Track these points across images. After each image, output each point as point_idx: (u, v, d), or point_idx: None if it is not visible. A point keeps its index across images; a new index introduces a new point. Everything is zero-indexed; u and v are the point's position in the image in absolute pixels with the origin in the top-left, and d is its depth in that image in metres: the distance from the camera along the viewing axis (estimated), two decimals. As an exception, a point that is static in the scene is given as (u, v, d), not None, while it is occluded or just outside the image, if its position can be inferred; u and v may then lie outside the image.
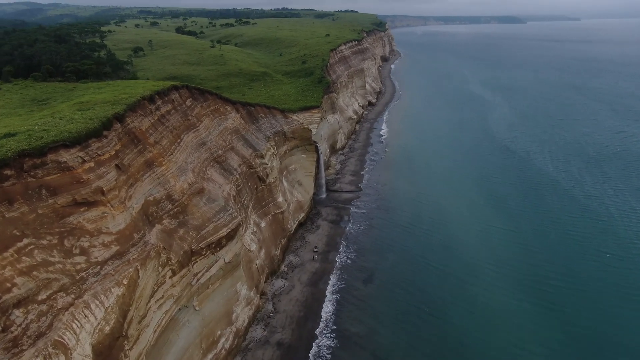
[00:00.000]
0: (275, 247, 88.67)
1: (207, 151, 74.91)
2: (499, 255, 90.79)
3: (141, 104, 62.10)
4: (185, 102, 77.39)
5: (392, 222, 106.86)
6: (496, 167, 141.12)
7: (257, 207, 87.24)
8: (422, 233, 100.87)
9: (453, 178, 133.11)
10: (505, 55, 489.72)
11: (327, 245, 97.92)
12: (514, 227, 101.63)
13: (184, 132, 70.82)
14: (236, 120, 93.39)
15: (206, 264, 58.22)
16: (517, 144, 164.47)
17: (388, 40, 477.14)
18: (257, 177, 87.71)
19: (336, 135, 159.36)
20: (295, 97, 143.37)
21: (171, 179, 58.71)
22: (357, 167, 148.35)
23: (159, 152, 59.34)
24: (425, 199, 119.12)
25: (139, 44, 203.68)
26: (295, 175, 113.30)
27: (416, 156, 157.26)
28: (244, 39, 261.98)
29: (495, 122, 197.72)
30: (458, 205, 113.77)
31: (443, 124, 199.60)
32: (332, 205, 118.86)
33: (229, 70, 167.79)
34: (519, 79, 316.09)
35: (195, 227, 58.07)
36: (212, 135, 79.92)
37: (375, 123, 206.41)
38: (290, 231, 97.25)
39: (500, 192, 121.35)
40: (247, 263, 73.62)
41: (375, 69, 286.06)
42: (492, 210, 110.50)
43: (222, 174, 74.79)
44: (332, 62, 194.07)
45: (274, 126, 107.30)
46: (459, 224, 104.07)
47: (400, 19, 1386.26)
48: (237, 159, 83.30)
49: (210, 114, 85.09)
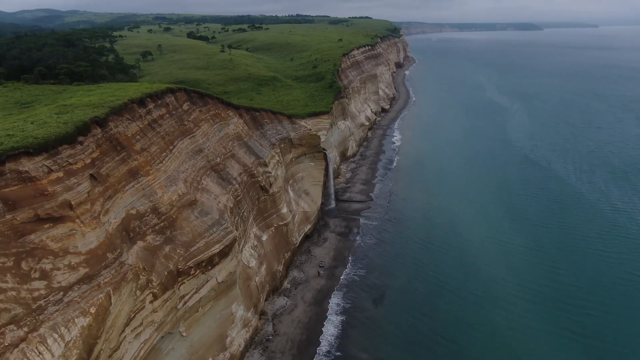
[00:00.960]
0: (277, 262, 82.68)
1: (204, 159, 69.47)
2: (519, 275, 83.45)
3: (129, 108, 56.89)
4: (182, 106, 72.19)
5: (404, 236, 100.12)
6: (515, 177, 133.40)
7: (258, 219, 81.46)
8: (436, 249, 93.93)
9: (469, 189, 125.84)
10: (523, 62, 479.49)
11: (334, 259, 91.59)
12: (536, 244, 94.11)
13: (178, 138, 65.50)
14: (239, 125, 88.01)
15: (195, 284, 52.44)
16: (537, 153, 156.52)
17: (402, 46, 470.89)
18: (259, 186, 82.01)
19: (347, 142, 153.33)
20: (304, 103, 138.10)
21: (158, 189, 53.21)
22: (368, 175, 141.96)
23: (146, 160, 53.92)
24: (440, 211, 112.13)
25: (149, 49, 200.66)
26: (302, 184, 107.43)
27: (430, 165, 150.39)
28: (255, 43, 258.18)
29: (514, 130, 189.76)
30: (475, 219, 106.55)
31: (458, 131, 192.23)
32: (341, 216, 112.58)
33: (238, 74, 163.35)
34: (538, 85, 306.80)
35: (183, 243, 52.39)
36: (211, 142, 74.54)
37: (388, 130, 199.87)
38: (295, 244, 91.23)
39: (521, 205, 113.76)
40: (244, 281, 67.74)
41: (388, 75, 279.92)
42: (512, 224, 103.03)
43: (220, 184, 69.23)
44: (344, 67, 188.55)
45: (279, 132, 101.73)
46: (476, 239, 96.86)
47: (415, 25, 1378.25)
48: (237, 167, 77.77)
49: (210, 119, 79.84)
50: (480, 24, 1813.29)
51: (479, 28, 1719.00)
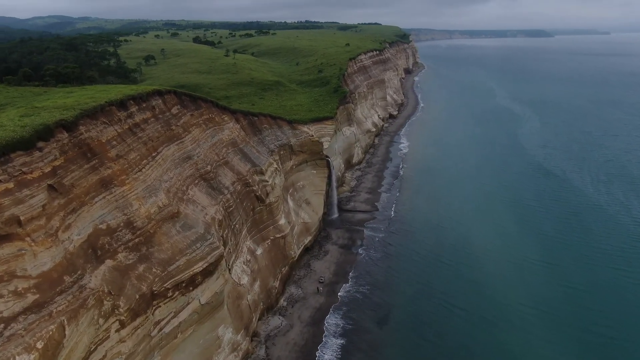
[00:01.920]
0: (273, 277, 77.00)
1: (193, 167, 64.23)
2: (535, 294, 76.97)
3: (106, 110, 51.82)
4: (171, 110, 67.14)
5: (411, 250, 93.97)
6: (529, 187, 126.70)
7: (253, 231, 75.94)
8: (445, 265, 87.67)
9: (480, 200, 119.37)
10: (534, 69, 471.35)
11: (335, 274, 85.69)
12: (552, 260, 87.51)
13: (163, 144, 60.35)
14: (234, 131, 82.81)
15: (173, 308, 46.92)
16: (552, 162, 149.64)
17: (412, 52, 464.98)
18: (255, 196, 76.55)
19: (352, 149, 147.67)
20: (308, 108, 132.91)
21: (135, 201, 47.92)
22: (374, 184, 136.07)
23: (122, 168, 48.71)
24: (449, 223, 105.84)
25: (152, 53, 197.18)
26: (303, 193, 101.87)
27: (439, 173, 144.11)
28: (261, 48, 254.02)
29: (526, 138, 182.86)
30: (486, 233, 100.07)
31: (468, 138, 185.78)
32: (344, 226, 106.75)
33: (241, 79, 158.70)
34: (550, 92, 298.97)
35: (161, 261, 46.97)
36: (202, 148, 69.32)
37: (395, 136, 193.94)
38: (293, 258, 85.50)
39: (535, 217, 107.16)
40: (234, 300, 62.15)
41: (397, 80, 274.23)
42: (525, 238, 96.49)
43: (209, 194, 63.89)
44: (351, 71, 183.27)
45: (279, 138, 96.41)
46: (487, 255, 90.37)
47: (424, 32, 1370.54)
48: (230, 176, 72.43)
49: (202, 123, 74.71)
50: (490, 31, 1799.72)
51: (489, 35, 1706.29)
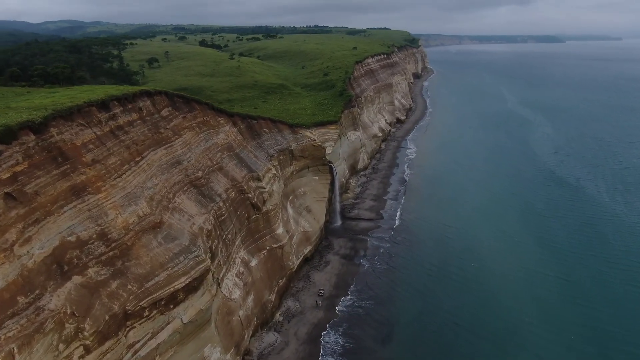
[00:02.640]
0: (269, 290, 72.56)
1: (182, 172, 60.16)
2: (547, 313, 71.73)
3: (84, 111, 47.93)
4: (161, 112, 63.25)
5: (416, 262, 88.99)
6: (541, 196, 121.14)
7: (247, 241, 71.64)
8: (453, 279, 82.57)
9: (490, 209, 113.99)
10: (545, 74, 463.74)
11: (336, 287, 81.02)
12: (566, 274, 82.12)
13: (150, 148, 56.36)
14: (230, 135, 78.78)
15: (151, 328, 42.65)
16: (565, 169, 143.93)
17: (420, 56, 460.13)
18: (250, 204, 72.33)
19: (357, 154, 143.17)
20: (312, 112, 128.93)
21: (111, 210, 43.86)
22: (379, 190, 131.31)
23: (98, 174, 44.72)
24: (457, 233, 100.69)
25: (156, 56, 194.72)
26: (304, 200, 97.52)
27: (447, 181, 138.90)
28: (267, 51, 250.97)
29: (537, 144, 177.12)
30: (496, 244, 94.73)
31: (478, 144, 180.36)
32: (347, 235, 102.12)
33: (244, 82, 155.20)
34: (562, 98, 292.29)
35: (138, 277, 42.79)
36: (193, 153, 65.30)
37: (403, 142, 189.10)
38: (292, 269, 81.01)
39: (548, 227, 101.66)
40: (224, 316, 57.79)
41: (405, 85, 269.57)
42: (538, 251, 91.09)
43: (199, 202, 59.74)
44: (357, 74, 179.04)
45: (279, 143, 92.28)
46: (497, 268, 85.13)
47: (434, 38, 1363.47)
48: (224, 182, 68.30)
49: (195, 126, 70.78)
50: (500, 37, 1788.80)
51: (498, 40, 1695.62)
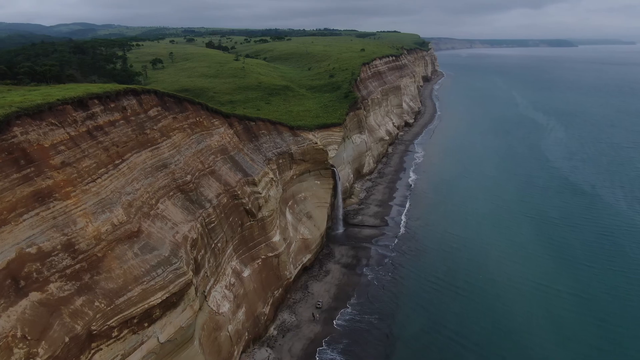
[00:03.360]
0: (263, 302, 68.24)
1: (168, 176, 56.15)
2: (561, 331, 66.58)
3: (57, 110, 44.13)
4: (148, 112, 59.37)
5: (421, 273, 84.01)
6: (554, 204, 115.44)
7: (240, 250, 67.43)
8: (459, 293, 77.39)
9: (499, 217, 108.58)
10: (558, 78, 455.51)
11: (335, 299, 76.45)
12: (581, 289, 76.75)
13: (133, 150, 52.43)
14: (225, 137, 74.76)
15: (121, 350, 38.49)
16: (579, 176, 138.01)
17: (431, 60, 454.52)
18: (244, 210, 68.17)
19: (363, 158, 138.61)
20: (315, 114, 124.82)
21: (81, 218, 39.88)
22: (385, 196, 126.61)
23: (68, 178, 40.80)
24: (464, 243, 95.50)
25: (161, 57, 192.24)
26: (304, 205, 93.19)
27: (456, 186, 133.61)
28: (274, 53, 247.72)
29: (550, 149, 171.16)
30: (506, 256, 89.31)
31: (488, 149, 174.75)
32: (350, 243, 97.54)
33: (248, 83, 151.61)
34: (575, 102, 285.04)
35: (108, 292, 38.70)
36: (183, 156, 61.31)
37: (411, 145, 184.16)
38: (289, 279, 76.62)
39: (562, 238, 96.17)
40: (211, 332, 53.54)
41: (414, 88, 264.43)
42: (550, 263, 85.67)
43: (186, 208, 55.65)
44: (364, 76, 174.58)
45: (278, 145, 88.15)
46: (506, 282, 79.81)
47: (445, 41, 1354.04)
48: (216, 187, 64.22)
49: (187, 127, 66.87)
50: (512, 40, 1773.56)
51: (510, 44, 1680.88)
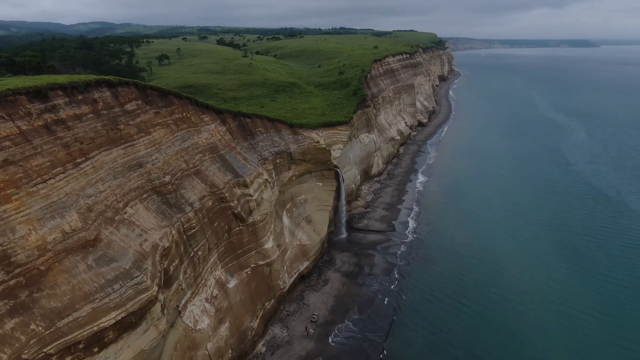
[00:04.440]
0: (252, 315, 62.42)
1: (143, 177, 50.64)
2: (583, 357, 59.30)
3: (8, 101, 38.82)
4: (125, 106, 53.96)
5: (428, 286, 77.20)
6: (575, 211, 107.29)
7: (227, 258, 61.71)
8: (469, 310, 70.36)
9: (516, 225, 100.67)
10: (579, 79, 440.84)
11: (333, 312, 70.24)
12: (606, 308, 69.16)
13: (101, 147, 47.01)
14: (216, 134, 69.16)
15: (62, 381, 33.00)
16: (602, 180, 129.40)
17: (447, 59, 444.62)
18: (232, 214, 62.45)
19: (371, 159, 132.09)
20: (321, 112, 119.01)
21: (22, 225, 34.47)
22: (393, 198, 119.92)
23: (10, 178, 35.37)
24: (477, 253, 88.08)
25: (169, 53, 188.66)
26: (304, 209, 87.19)
27: (469, 190, 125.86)
28: (284, 50, 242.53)
29: (571, 151, 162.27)
30: (522, 268, 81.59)
31: (505, 151, 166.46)
32: (353, 249, 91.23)
33: (253, 80, 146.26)
34: (597, 103, 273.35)
35: (49, 312, 33.20)
36: (163, 154, 55.78)
37: (423, 146, 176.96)
38: (282, 289, 70.70)
39: (584, 250, 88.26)
40: (185, 352, 47.84)
41: (429, 86, 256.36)
42: (572, 280, 77.86)
43: (161, 212, 50.05)
44: (375, 74, 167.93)
45: (276, 144, 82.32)
46: (522, 299, 72.30)
47: (463, 41, 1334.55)
48: (200, 189, 58.58)
49: (172, 123, 61.40)
50: (532, 41, 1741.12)
51: (530, 44, 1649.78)
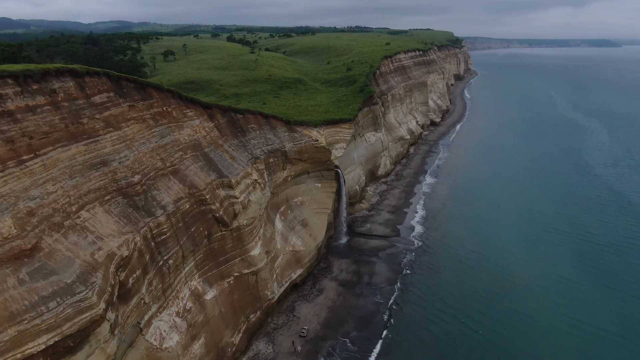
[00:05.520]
0: (233, 329, 56.91)
1: (107, 176, 45.45)
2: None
3: None
4: (92, 98, 48.89)
5: (432, 299, 70.57)
6: (597, 219, 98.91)
7: (206, 267, 56.26)
8: (479, 330, 63.72)
9: (531, 234, 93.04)
10: (601, 79, 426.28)
11: (325, 325, 64.28)
12: (632, 330, 62.03)
13: (57, 143, 41.93)
14: (201, 130, 63.86)
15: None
16: (626, 185, 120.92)
17: (464, 57, 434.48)
18: (214, 217, 57.04)
19: (378, 159, 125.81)
20: (325, 109, 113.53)
21: (-63, 232, 29.45)
22: (400, 201, 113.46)
23: None
24: (487, 263, 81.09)
25: (175, 49, 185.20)
26: (300, 212, 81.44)
27: (482, 195, 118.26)
28: (294, 47, 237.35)
29: (592, 154, 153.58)
30: (537, 283, 74.11)
31: (521, 152, 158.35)
32: (352, 256, 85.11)
33: (257, 76, 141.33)
34: (620, 104, 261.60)
35: (-39, 337, 28.10)
36: (135, 151, 50.56)
37: (435, 146, 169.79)
38: (271, 300, 65.03)
39: (606, 263, 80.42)
40: (148, 373, 42.57)
41: (442, 85, 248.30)
42: (592, 295, 70.53)
43: (126, 216, 44.78)
44: (385, 70, 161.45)
45: (269, 142, 76.78)
46: (537, 319, 65.08)
47: (481, 41, 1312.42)
48: (177, 190, 53.25)
49: (149, 118, 56.23)
50: (552, 40, 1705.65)
51: (550, 44, 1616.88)
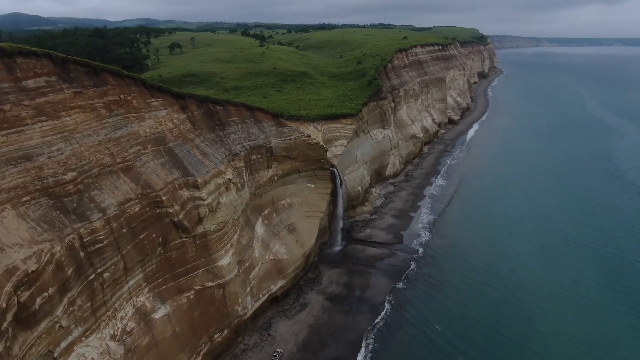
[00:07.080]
0: (190, 352, 49.14)
1: (30, 173, 38.34)
2: None
3: None
4: (23, 82, 41.99)
5: (429, 321, 61.35)
6: (626, 231, 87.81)
7: (159, 279, 48.67)
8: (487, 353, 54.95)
9: (550, 245, 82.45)
10: (634, 78, 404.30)
11: (303, 348, 55.98)
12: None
13: (-39, 131, 35.09)
14: (167, 122, 56.44)
15: None
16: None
17: (489, 55, 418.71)
18: (172, 222, 49.53)
19: (385, 158, 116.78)
20: (328, 103, 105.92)
21: None
22: (407, 204, 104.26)
23: None
24: (498, 279, 71.31)
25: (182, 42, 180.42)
26: (288, 215, 73.38)
27: (498, 200, 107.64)
28: (308, 41, 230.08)
29: (622, 157, 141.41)
30: (557, 301, 64.57)
31: (544, 154, 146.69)
32: (346, 265, 76.47)
33: (261, 69, 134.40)
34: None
35: None
36: (74, 144, 43.39)
37: (451, 146, 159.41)
38: (242, 316, 57.15)
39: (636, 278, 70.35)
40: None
41: (463, 82, 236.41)
42: (624, 323, 60.69)
43: (47, 221, 37.46)
44: (398, 64, 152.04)
45: (252, 137, 68.96)
46: (556, 340, 56.08)
47: (508, 39, 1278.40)
48: (125, 190, 45.89)
49: (102, 107, 49.16)
50: (583, 39, 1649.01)
51: (581, 43, 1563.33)
